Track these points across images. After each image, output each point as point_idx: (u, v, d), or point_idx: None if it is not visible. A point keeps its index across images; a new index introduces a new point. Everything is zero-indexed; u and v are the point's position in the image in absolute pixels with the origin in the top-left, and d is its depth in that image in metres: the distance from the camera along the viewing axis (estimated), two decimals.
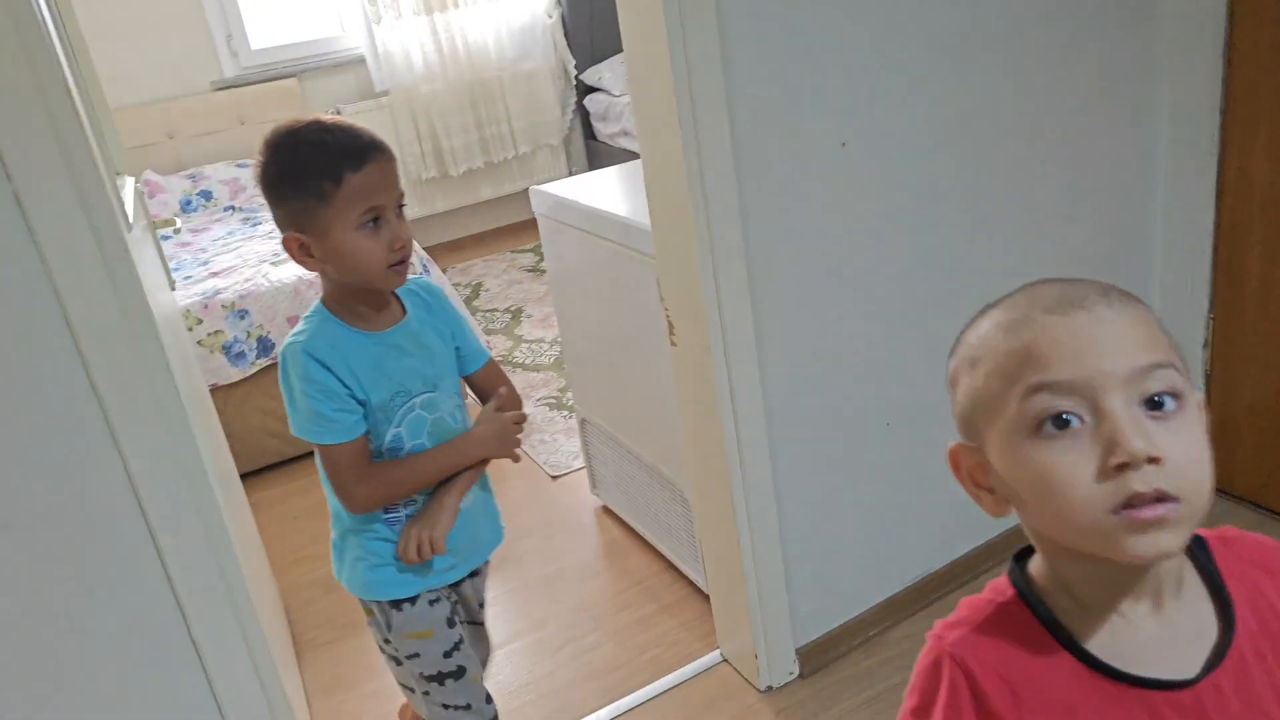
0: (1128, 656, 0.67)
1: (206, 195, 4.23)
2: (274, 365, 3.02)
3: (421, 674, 1.49)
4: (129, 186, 1.82)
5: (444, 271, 4.72)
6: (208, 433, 1.95)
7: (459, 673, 1.50)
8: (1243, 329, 2.19)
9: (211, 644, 1.36)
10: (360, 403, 1.33)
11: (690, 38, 1.52)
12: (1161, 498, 0.61)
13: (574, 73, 5.21)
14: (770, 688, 1.95)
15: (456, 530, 1.42)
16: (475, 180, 5.17)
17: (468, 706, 1.52)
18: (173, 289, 2.13)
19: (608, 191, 2.29)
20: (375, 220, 1.27)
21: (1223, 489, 2.34)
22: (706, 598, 2.12)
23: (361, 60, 4.82)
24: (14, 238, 1.14)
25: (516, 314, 4.18)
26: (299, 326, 1.35)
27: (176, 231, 3.77)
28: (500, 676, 2.10)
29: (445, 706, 1.51)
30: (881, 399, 1.92)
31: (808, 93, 1.68)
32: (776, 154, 1.68)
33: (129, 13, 4.22)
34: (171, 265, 2.61)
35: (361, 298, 1.35)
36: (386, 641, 1.49)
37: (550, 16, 5.13)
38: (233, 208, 4.19)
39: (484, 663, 1.68)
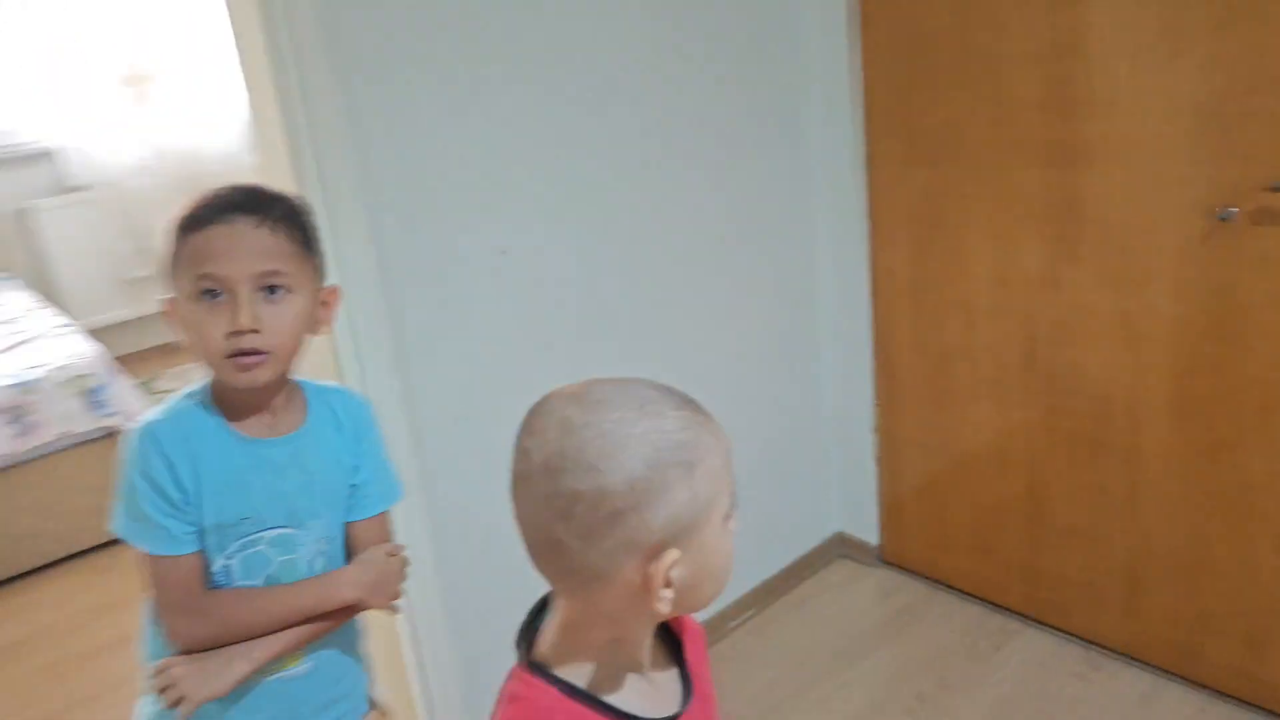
0: (642, 707, 0.81)
1: None
2: None
3: None
4: None
5: (155, 378, 4.39)
6: None
7: None
8: (901, 415, 2.37)
9: None
10: (196, 516, 1.08)
11: (325, 166, 1.50)
12: None
13: None
14: None
15: (265, 702, 1.13)
16: None
17: None
18: None
19: None
20: (214, 293, 1.03)
21: (897, 563, 2.50)
22: None
23: (50, 153, 4.45)
24: None
25: None
26: (162, 403, 1.11)
27: None
28: None
29: None
30: None
31: (462, 204, 1.69)
32: (432, 263, 1.66)
33: None
34: None
35: (236, 394, 1.09)
36: None
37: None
38: None
39: None
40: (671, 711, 0.83)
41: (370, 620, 1.28)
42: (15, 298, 3.83)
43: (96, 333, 4.28)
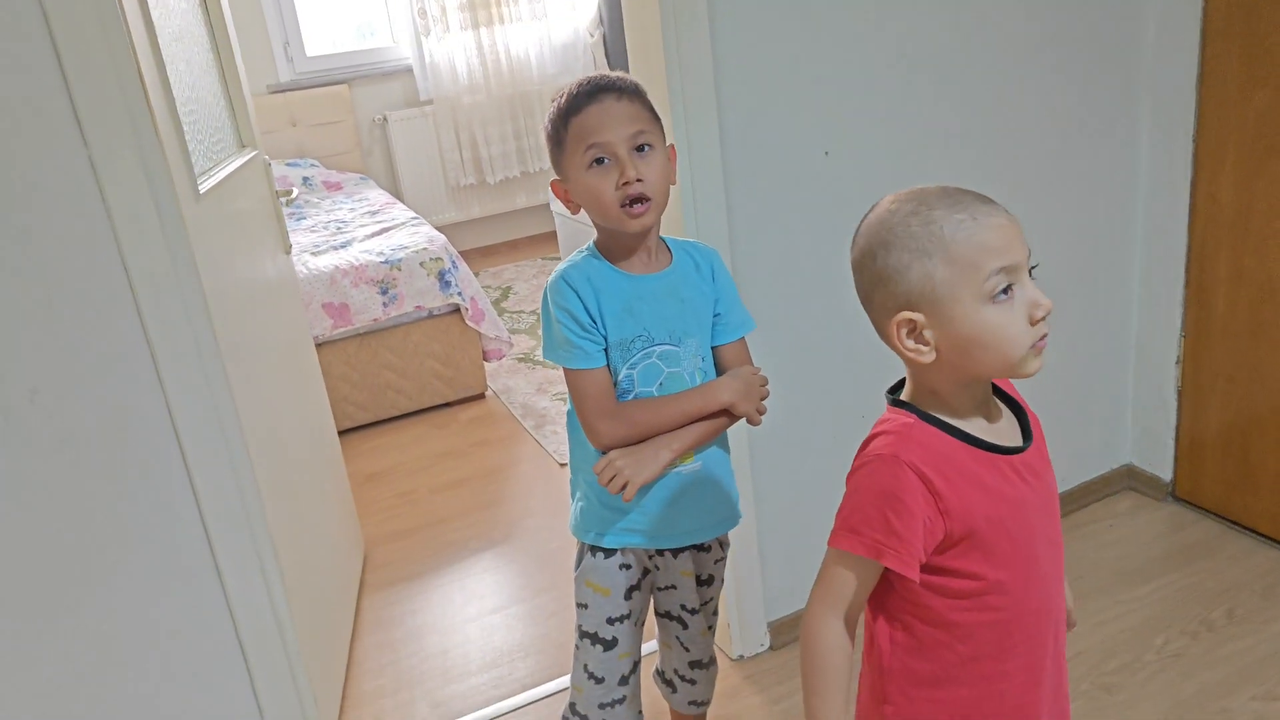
0: (990, 438, 1.02)
1: None
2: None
3: (580, 626, 1.51)
4: (243, 160, 2.07)
5: (476, 275, 4.94)
6: (292, 387, 2.17)
7: (611, 644, 1.49)
8: (1210, 348, 2.31)
9: (233, 571, 1.56)
10: (602, 337, 1.35)
11: (686, 60, 1.71)
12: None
13: None
14: (742, 656, 2.10)
15: (667, 494, 1.40)
16: (511, 189, 5.39)
17: (601, 680, 1.51)
18: (288, 252, 2.40)
19: None
20: (601, 160, 1.28)
21: (1189, 500, 2.45)
22: None
23: (409, 70, 5.08)
24: (89, 200, 1.35)
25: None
26: (565, 261, 1.38)
27: (290, 201, 4.06)
28: (496, 638, 2.28)
29: (585, 668, 1.52)
30: (858, 394, 2.07)
31: (792, 106, 1.86)
32: (762, 162, 1.85)
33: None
34: None
35: (623, 242, 1.35)
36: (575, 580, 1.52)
37: (592, 35, 5.35)
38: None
39: (674, 677, 1.66)
40: (1015, 444, 1.03)
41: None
42: (375, 194, 4.45)
43: None
